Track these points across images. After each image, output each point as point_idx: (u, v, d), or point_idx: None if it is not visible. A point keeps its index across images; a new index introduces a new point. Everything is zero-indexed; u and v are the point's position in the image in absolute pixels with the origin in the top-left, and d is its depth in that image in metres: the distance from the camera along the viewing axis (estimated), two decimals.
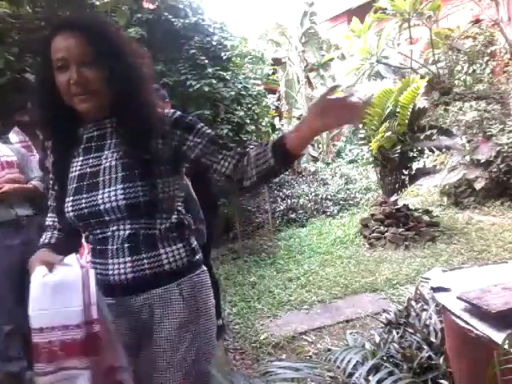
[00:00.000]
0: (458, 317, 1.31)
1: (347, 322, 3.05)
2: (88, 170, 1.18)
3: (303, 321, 3.14)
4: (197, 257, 1.25)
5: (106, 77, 1.11)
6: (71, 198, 1.17)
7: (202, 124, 1.23)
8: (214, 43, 4.69)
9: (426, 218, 5.11)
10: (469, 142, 6.03)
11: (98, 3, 4.06)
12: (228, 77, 4.65)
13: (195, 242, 1.26)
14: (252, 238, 5.57)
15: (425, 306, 2.25)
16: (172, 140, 1.18)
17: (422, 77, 6.12)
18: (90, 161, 1.19)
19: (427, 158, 6.60)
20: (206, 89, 4.33)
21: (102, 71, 1.11)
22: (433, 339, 1.89)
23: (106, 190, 1.13)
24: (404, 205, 5.10)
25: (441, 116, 6.55)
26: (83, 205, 1.15)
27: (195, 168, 1.23)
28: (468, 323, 1.26)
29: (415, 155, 5.28)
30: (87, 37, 1.10)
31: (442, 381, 1.65)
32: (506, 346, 1.08)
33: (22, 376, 2.58)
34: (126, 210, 1.12)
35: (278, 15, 11.02)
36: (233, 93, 4.63)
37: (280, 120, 9.24)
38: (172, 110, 1.23)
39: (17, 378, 2.58)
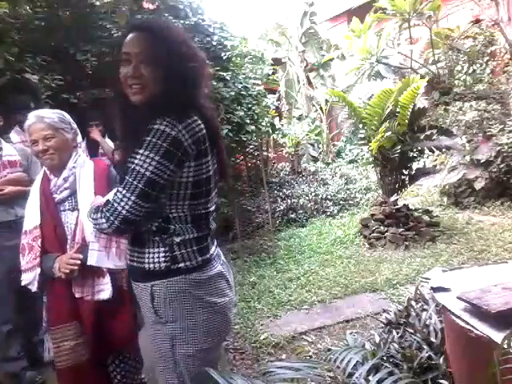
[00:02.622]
0: (458, 317, 1.31)
1: (347, 321, 3.05)
2: None
3: (303, 321, 3.15)
4: (179, 265, 1.25)
5: (158, 76, 1.22)
6: None
7: None
8: (214, 43, 4.69)
9: (426, 218, 5.11)
10: (469, 142, 6.02)
11: (98, 3, 4.05)
12: (228, 77, 4.65)
13: (183, 251, 1.26)
14: (252, 238, 5.57)
15: (425, 306, 2.25)
16: None
17: (422, 77, 6.12)
18: None
19: (427, 157, 6.60)
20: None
21: (156, 71, 1.22)
22: (433, 339, 1.89)
23: None
24: (404, 205, 5.10)
25: (441, 116, 6.55)
26: None
27: None
28: (468, 323, 1.26)
29: (415, 155, 5.28)
30: (149, 39, 1.23)
31: (441, 381, 1.65)
32: (506, 346, 1.08)
33: (22, 376, 2.58)
34: None
35: (278, 15, 11.03)
36: (233, 93, 4.63)
37: (280, 120, 9.24)
38: None
39: (17, 378, 2.58)
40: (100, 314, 1.68)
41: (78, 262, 1.62)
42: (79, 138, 1.84)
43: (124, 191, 1.18)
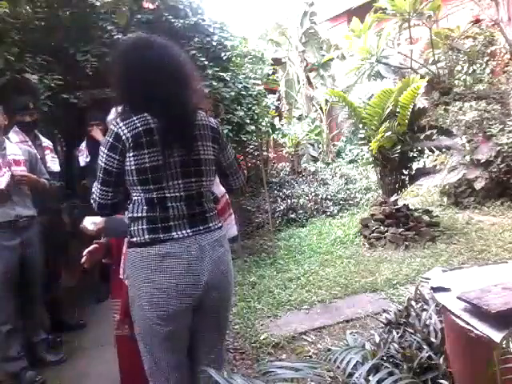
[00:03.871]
0: (458, 317, 1.31)
1: (347, 321, 3.05)
2: None
3: (303, 321, 3.15)
4: (132, 239, 1.49)
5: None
6: None
7: None
8: (214, 43, 4.68)
9: (426, 217, 5.11)
10: (469, 142, 6.02)
11: (98, 3, 4.05)
12: (228, 77, 4.64)
13: (134, 228, 1.48)
14: (252, 238, 5.57)
15: (425, 306, 2.25)
16: None
17: (422, 77, 6.12)
18: None
19: (427, 157, 6.60)
20: (206, 91, 4.32)
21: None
22: (433, 339, 1.89)
23: None
24: (404, 205, 5.10)
25: (441, 116, 6.55)
26: None
27: None
28: (468, 323, 1.26)
29: (415, 155, 5.28)
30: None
31: (441, 381, 1.65)
32: (505, 346, 1.08)
33: (22, 376, 2.58)
34: None
35: (278, 15, 11.02)
36: (233, 93, 4.63)
37: (280, 120, 9.23)
38: None
39: (17, 378, 2.58)
40: None
41: None
42: None
43: (95, 183, 1.49)
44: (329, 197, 6.79)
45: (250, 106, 5.01)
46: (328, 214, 6.39)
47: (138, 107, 1.46)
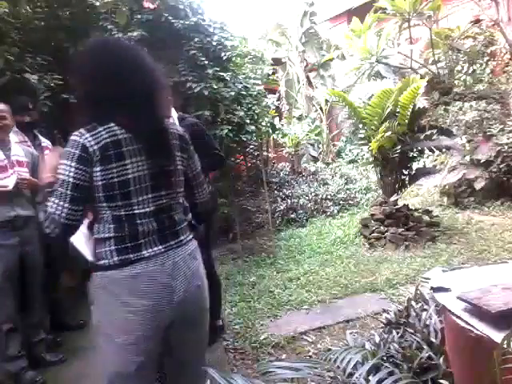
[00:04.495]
0: (458, 317, 1.31)
1: (347, 322, 3.05)
2: None
3: (303, 321, 3.14)
4: (99, 262, 1.36)
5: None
6: None
7: None
8: (214, 43, 4.69)
9: (426, 217, 5.11)
10: (469, 141, 6.02)
11: (97, 3, 4.05)
12: (228, 77, 4.65)
13: (102, 249, 1.36)
14: (252, 238, 5.57)
15: (425, 306, 2.24)
16: None
17: (422, 77, 6.12)
18: None
19: (427, 157, 6.60)
20: (206, 92, 4.33)
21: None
22: (433, 339, 1.89)
23: None
24: (404, 205, 5.10)
25: (441, 116, 6.55)
26: None
27: None
28: (468, 323, 1.26)
29: (415, 155, 5.28)
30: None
31: (441, 381, 1.65)
32: (505, 346, 1.08)
33: (21, 376, 2.58)
34: None
35: (278, 15, 11.03)
36: (233, 93, 4.63)
37: (280, 120, 9.24)
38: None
39: (17, 377, 2.58)
40: None
41: None
42: None
43: (57, 200, 1.29)
44: (329, 197, 6.79)
45: (250, 105, 5.01)
46: (328, 214, 6.39)
47: (105, 116, 1.34)
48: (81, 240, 1.51)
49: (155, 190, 1.39)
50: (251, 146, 6.22)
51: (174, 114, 2.83)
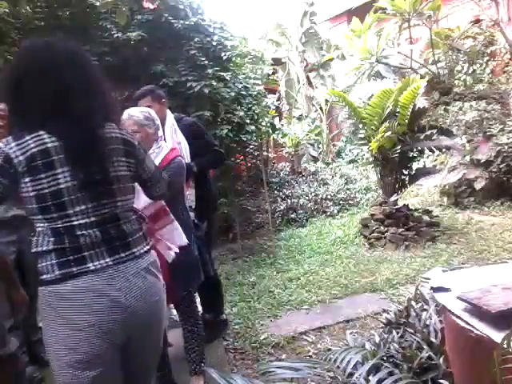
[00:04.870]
0: (458, 317, 1.31)
1: (347, 321, 3.05)
2: None
3: (303, 321, 3.14)
4: (41, 276, 1.29)
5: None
6: None
7: None
8: (214, 43, 4.69)
9: (426, 217, 5.11)
10: (469, 141, 6.02)
11: (97, 3, 4.05)
12: (228, 77, 4.65)
13: (43, 264, 1.28)
14: (252, 238, 5.57)
15: (425, 306, 2.24)
16: None
17: (422, 77, 6.12)
18: None
19: (427, 157, 6.60)
20: (206, 90, 4.33)
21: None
22: (433, 339, 1.89)
23: None
24: (404, 205, 5.10)
25: (441, 116, 6.55)
26: None
27: None
28: (468, 323, 1.26)
29: (415, 155, 5.28)
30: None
31: (441, 381, 1.65)
32: (505, 346, 1.08)
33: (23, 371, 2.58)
34: None
35: (278, 15, 11.03)
36: (233, 93, 4.63)
37: (280, 120, 9.24)
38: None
39: (18, 373, 2.58)
40: None
41: None
42: (160, 132, 2.23)
43: None
44: (329, 197, 6.79)
45: (250, 105, 5.01)
46: (328, 213, 6.39)
47: (32, 124, 1.26)
48: None
49: (95, 199, 1.31)
50: (251, 146, 6.23)
51: (170, 114, 2.83)
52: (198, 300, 3.33)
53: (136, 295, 1.33)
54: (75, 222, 1.28)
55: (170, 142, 2.74)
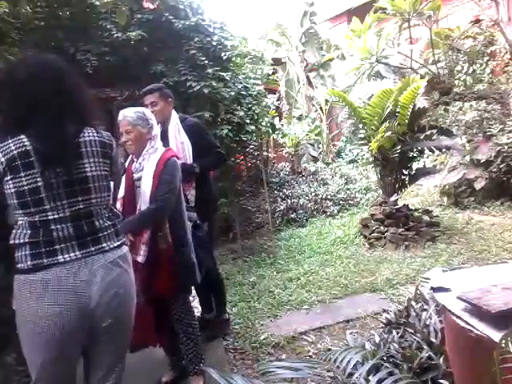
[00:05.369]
0: (458, 317, 1.31)
1: (347, 322, 3.05)
2: None
3: (303, 321, 3.14)
4: (18, 265, 1.42)
5: None
6: None
7: None
8: (214, 43, 4.69)
9: (426, 217, 5.11)
10: (469, 141, 6.02)
11: (97, 3, 4.05)
12: (228, 77, 4.65)
13: (19, 254, 1.42)
14: (252, 238, 5.57)
15: (425, 306, 2.24)
16: None
17: (422, 77, 6.12)
18: None
19: (427, 157, 6.60)
20: (206, 90, 4.33)
21: None
22: (433, 339, 1.89)
23: None
24: (404, 205, 5.10)
25: (441, 116, 6.55)
26: None
27: None
28: (468, 323, 1.26)
29: (415, 155, 5.28)
30: None
31: (441, 381, 1.65)
32: (504, 346, 1.08)
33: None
34: None
35: (278, 15, 11.03)
36: (233, 93, 4.63)
37: (280, 120, 9.24)
38: None
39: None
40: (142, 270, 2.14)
41: None
42: (154, 131, 2.25)
43: None
44: (329, 197, 6.79)
45: (250, 105, 5.01)
46: (328, 214, 6.39)
47: (14, 129, 1.41)
48: None
49: (70, 196, 1.44)
50: (251, 146, 6.22)
51: (175, 114, 2.85)
52: (196, 300, 3.35)
53: (99, 286, 1.44)
54: (50, 217, 1.42)
55: (173, 142, 2.75)
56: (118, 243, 1.54)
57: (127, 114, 2.18)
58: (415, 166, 5.54)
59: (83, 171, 1.47)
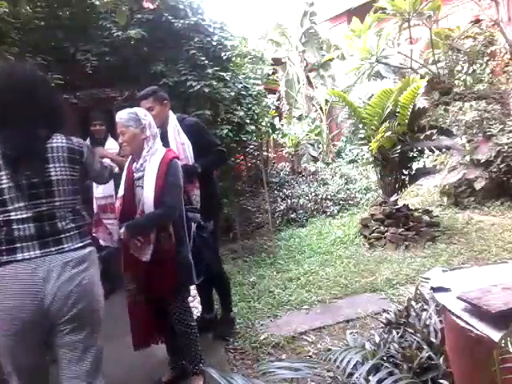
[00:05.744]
0: (458, 317, 1.31)
1: (347, 322, 3.05)
2: None
3: (303, 321, 3.14)
4: None
5: None
6: None
7: None
8: (214, 43, 4.69)
9: (426, 217, 5.11)
10: (469, 141, 6.02)
11: (97, 3, 4.05)
12: (228, 77, 4.65)
13: None
14: (252, 238, 5.57)
15: (425, 306, 2.25)
16: None
17: (422, 77, 6.12)
18: None
19: (427, 157, 6.60)
20: (206, 90, 4.33)
21: None
22: (433, 339, 1.89)
23: None
24: (404, 205, 5.10)
25: (441, 116, 6.55)
26: None
27: None
28: (468, 323, 1.26)
29: (415, 155, 5.28)
30: None
31: (441, 381, 1.65)
32: (503, 345, 1.08)
33: None
34: None
35: (278, 15, 11.03)
36: (233, 93, 4.63)
37: (280, 120, 9.24)
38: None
39: None
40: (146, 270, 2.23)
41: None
42: (149, 132, 2.26)
43: None
44: (329, 197, 6.78)
45: (250, 105, 5.01)
46: (328, 214, 6.39)
47: None
48: None
49: (34, 198, 1.53)
50: (251, 146, 6.22)
51: (172, 116, 2.85)
52: (197, 300, 3.35)
53: (55, 284, 1.52)
54: (13, 217, 1.51)
55: (174, 143, 2.75)
56: (81, 244, 1.62)
57: (120, 116, 2.23)
58: (415, 166, 5.54)
59: (48, 175, 1.56)
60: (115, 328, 2.50)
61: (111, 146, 3.76)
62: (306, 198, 6.70)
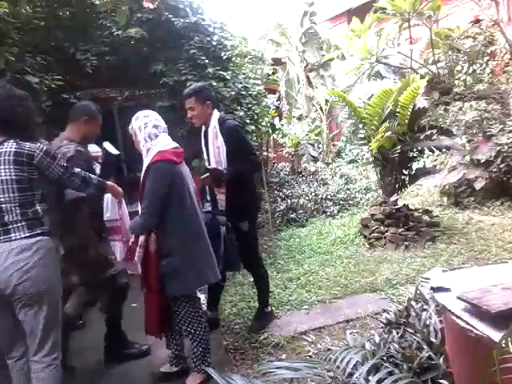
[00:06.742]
0: (458, 317, 1.31)
1: (347, 322, 3.05)
2: None
3: (303, 321, 3.14)
4: None
5: None
6: None
7: None
8: (214, 43, 4.69)
9: (426, 217, 5.11)
10: (469, 141, 6.02)
11: (97, 2, 4.05)
12: (228, 77, 4.65)
13: None
14: None
15: (425, 306, 2.24)
16: None
17: (422, 77, 6.12)
18: None
19: (427, 157, 6.60)
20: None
21: None
22: (433, 339, 1.89)
23: None
24: (404, 205, 5.10)
25: (441, 116, 6.55)
26: None
27: None
28: (468, 323, 1.26)
29: (415, 155, 5.28)
30: None
31: (441, 381, 1.65)
32: (504, 345, 1.08)
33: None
34: None
35: (278, 15, 11.02)
36: (233, 93, 4.63)
37: (280, 120, 9.23)
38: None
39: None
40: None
41: None
42: (142, 134, 2.30)
43: None
44: (329, 197, 6.78)
45: (249, 105, 5.01)
46: (328, 214, 6.39)
47: None
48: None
49: None
50: None
51: (215, 116, 2.83)
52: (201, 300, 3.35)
53: (1, 268, 1.83)
54: None
55: (211, 146, 2.78)
56: (28, 234, 1.88)
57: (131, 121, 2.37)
58: (415, 166, 5.53)
59: None
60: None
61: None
62: (306, 198, 6.70)
